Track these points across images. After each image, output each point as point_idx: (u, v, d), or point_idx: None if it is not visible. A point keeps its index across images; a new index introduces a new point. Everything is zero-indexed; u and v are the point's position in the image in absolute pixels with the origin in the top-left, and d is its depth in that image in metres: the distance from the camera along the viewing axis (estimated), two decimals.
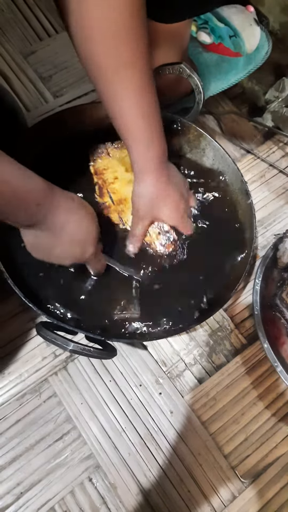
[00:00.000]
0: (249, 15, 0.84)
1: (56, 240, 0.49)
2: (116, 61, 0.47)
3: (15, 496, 0.60)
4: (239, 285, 0.61)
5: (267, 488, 0.63)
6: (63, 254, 0.51)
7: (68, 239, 0.49)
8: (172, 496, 0.61)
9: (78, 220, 0.50)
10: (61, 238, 0.49)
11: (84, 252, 0.52)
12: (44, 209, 0.45)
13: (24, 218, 0.44)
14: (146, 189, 0.57)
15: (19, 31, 0.91)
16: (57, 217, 0.47)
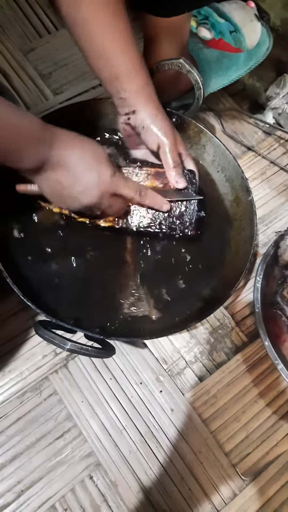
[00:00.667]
0: (250, 10, 0.83)
1: (71, 174, 0.48)
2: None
3: (16, 494, 0.60)
4: (240, 283, 0.61)
5: (268, 486, 0.63)
6: (83, 185, 0.49)
7: (79, 166, 0.49)
8: (173, 494, 0.61)
9: (81, 145, 0.50)
10: (75, 168, 0.48)
11: (101, 173, 0.50)
12: (46, 143, 0.45)
13: (30, 157, 0.45)
14: (159, 114, 0.56)
15: (19, 28, 0.90)
16: (61, 148, 0.47)
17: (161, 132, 0.56)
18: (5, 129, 0.42)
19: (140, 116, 0.56)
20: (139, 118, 0.56)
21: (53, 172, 0.48)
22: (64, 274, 0.62)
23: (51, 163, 0.47)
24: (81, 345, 0.49)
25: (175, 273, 0.65)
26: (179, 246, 0.66)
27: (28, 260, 0.61)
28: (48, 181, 0.49)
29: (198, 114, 0.86)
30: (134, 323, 0.61)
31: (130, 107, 0.56)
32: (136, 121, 0.57)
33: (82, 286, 0.62)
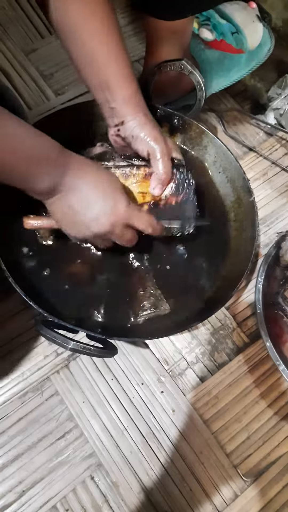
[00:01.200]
0: (251, 11, 0.83)
1: (84, 199, 0.48)
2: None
3: (17, 494, 0.60)
4: (241, 283, 0.61)
5: (269, 487, 0.63)
6: (99, 212, 0.49)
7: (96, 193, 0.48)
8: (174, 494, 0.61)
9: (96, 171, 0.50)
10: (89, 194, 0.48)
11: (116, 203, 0.49)
12: (62, 167, 0.46)
13: (44, 180, 0.45)
14: (148, 122, 0.56)
15: (20, 29, 0.91)
16: (77, 172, 0.47)
17: (150, 139, 0.55)
18: (23, 152, 0.42)
19: (129, 126, 0.55)
20: (128, 128, 0.56)
21: (66, 196, 0.48)
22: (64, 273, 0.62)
23: (65, 187, 0.47)
24: (83, 344, 0.49)
25: (176, 274, 0.65)
26: (180, 247, 0.66)
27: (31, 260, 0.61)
28: (60, 205, 0.49)
29: (200, 115, 0.86)
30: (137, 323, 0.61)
31: (119, 117, 0.56)
32: (125, 132, 0.56)
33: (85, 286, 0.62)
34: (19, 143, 0.42)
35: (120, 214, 0.50)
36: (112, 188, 0.50)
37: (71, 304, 0.60)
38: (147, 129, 0.55)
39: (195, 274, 0.65)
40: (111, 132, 0.59)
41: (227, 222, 0.70)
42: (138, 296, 0.62)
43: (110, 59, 0.53)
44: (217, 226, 0.69)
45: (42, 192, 0.47)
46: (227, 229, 0.69)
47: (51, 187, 0.46)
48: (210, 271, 0.65)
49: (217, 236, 0.68)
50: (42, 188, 0.46)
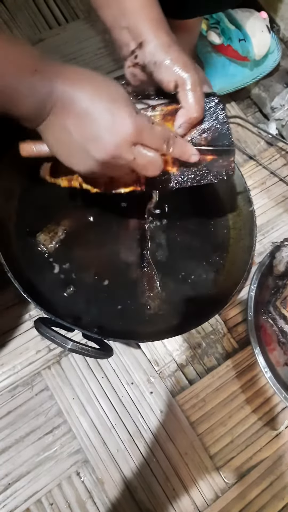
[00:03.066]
0: (262, 21, 0.84)
1: (80, 117, 0.38)
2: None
3: (3, 486, 0.60)
4: (237, 291, 0.62)
5: (249, 490, 0.65)
6: (99, 130, 0.38)
7: (93, 106, 0.37)
8: (157, 493, 0.63)
9: (92, 80, 0.38)
10: (85, 109, 0.37)
11: (120, 114, 0.38)
12: (46, 77, 0.36)
13: (27, 96, 0.36)
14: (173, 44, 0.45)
15: (28, 17, 0.89)
16: (67, 84, 0.37)
17: (179, 65, 0.44)
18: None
19: (150, 49, 0.44)
20: (149, 51, 0.44)
21: (57, 116, 0.38)
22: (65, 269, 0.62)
23: (55, 103, 0.37)
24: (81, 345, 0.49)
25: (172, 278, 0.66)
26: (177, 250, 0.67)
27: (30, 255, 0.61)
28: (53, 128, 0.39)
29: None
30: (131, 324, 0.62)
31: (136, 38, 0.45)
32: (145, 57, 0.45)
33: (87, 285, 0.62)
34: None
35: (124, 129, 0.38)
36: (113, 99, 0.38)
37: (69, 303, 0.60)
38: (174, 53, 0.44)
39: (191, 280, 0.66)
40: (127, 64, 0.48)
41: (225, 230, 0.70)
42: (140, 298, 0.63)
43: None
44: (215, 232, 0.70)
45: (29, 115, 0.37)
46: (224, 237, 0.70)
47: (38, 106, 0.37)
48: (206, 277, 0.66)
49: (214, 243, 0.69)
50: (27, 110, 0.37)
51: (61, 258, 0.62)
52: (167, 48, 0.44)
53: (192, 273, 0.66)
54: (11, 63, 0.34)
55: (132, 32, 0.45)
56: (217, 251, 0.69)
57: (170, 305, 0.64)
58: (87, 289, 0.62)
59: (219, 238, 0.70)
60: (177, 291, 0.65)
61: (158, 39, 0.44)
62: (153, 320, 0.62)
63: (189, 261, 0.67)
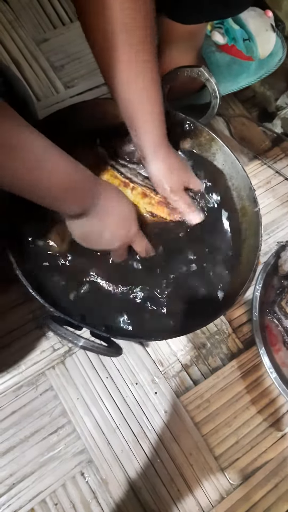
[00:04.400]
0: (266, 20, 0.83)
1: (103, 225, 0.54)
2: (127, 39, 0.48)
3: (8, 486, 0.60)
4: (242, 291, 0.62)
5: (254, 491, 0.64)
6: (112, 236, 0.55)
7: (114, 221, 0.54)
8: (162, 494, 0.62)
9: (119, 202, 0.55)
10: (108, 221, 0.54)
11: (129, 231, 0.57)
12: (94, 195, 0.50)
13: (78, 205, 0.49)
14: (165, 164, 0.60)
15: (33, 17, 0.89)
16: (103, 201, 0.52)
17: (168, 189, 0.62)
18: (66, 184, 0.45)
19: (150, 169, 0.61)
20: (149, 170, 0.61)
21: (90, 219, 0.52)
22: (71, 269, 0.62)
23: (92, 211, 0.51)
24: (93, 342, 0.49)
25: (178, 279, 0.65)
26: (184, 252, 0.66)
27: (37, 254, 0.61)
28: (82, 225, 0.53)
29: None
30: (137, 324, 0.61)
31: (142, 153, 0.60)
32: (146, 169, 0.62)
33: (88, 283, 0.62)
34: (65, 177, 0.45)
35: (129, 238, 0.58)
36: (129, 217, 0.57)
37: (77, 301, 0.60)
38: (167, 181, 0.61)
39: (197, 280, 0.65)
40: (137, 155, 0.64)
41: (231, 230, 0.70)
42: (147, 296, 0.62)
43: (143, 110, 0.55)
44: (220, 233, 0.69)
45: (68, 215, 0.52)
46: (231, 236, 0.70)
47: (81, 213, 0.51)
48: (212, 277, 0.66)
49: (220, 243, 0.69)
50: (73, 213, 0.51)
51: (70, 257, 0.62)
52: (162, 174, 0.61)
53: (197, 274, 0.66)
54: (76, 186, 0.47)
55: (137, 145, 0.59)
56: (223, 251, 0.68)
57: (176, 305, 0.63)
58: (94, 288, 0.62)
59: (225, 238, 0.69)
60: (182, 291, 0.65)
61: (155, 164, 0.60)
62: (158, 319, 0.62)
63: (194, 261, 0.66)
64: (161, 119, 0.57)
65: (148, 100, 0.54)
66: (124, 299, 0.62)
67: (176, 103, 0.78)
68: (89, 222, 0.52)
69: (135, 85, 0.52)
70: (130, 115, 0.55)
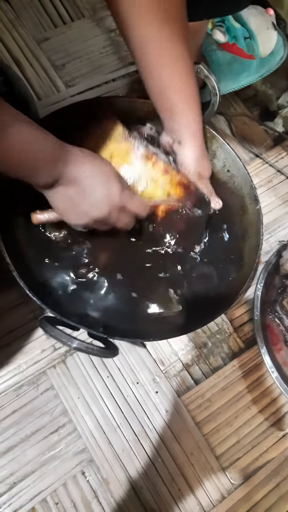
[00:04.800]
0: (268, 18, 0.83)
1: (82, 189, 0.51)
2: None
3: (8, 485, 0.60)
4: (243, 290, 0.62)
5: (255, 491, 0.64)
6: (96, 200, 0.52)
7: (90, 182, 0.51)
8: (163, 494, 0.62)
9: (92, 162, 0.52)
10: (83, 184, 0.50)
11: (111, 189, 0.53)
12: (61, 162, 0.48)
13: (45, 175, 0.47)
14: (200, 149, 0.60)
15: (34, 16, 0.89)
16: (74, 166, 0.49)
17: (198, 174, 0.61)
18: (33, 153, 0.45)
19: (184, 152, 0.60)
20: (182, 153, 0.60)
21: (65, 188, 0.50)
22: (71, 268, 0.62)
23: (64, 180, 0.49)
24: (87, 344, 0.49)
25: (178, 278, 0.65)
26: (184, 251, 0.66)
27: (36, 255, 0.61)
28: (60, 196, 0.51)
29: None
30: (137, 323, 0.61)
31: (177, 137, 0.59)
32: (179, 153, 0.61)
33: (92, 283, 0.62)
34: (31, 145, 0.44)
35: (115, 199, 0.53)
36: (107, 176, 0.53)
37: (75, 302, 0.60)
38: (199, 163, 0.61)
39: (197, 278, 0.65)
40: (165, 139, 0.62)
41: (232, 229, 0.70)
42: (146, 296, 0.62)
43: (176, 89, 0.56)
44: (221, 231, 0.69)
45: (44, 185, 0.49)
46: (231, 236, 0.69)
47: (52, 181, 0.49)
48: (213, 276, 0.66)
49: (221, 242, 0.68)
50: (44, 183, 0.48)
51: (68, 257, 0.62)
52: (195, 159, 0.60)
53: (198, 272, 0.66)
54: (43, 154, 0.46)
55: (175, 132, 0.59)
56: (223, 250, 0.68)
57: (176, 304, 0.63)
58: (92, 288, 0.62)
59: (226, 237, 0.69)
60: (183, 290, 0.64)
61: (191, 149, 0.60)
62: (158, 319, 0.62)
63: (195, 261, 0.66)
64: (199, 106, 0.58)
65: (188, 84, 0.55)
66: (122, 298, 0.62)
67: None
68: (66, 191, 0.50)
69: (175, 67, 0.54)
70: (167, 97, 0.56)
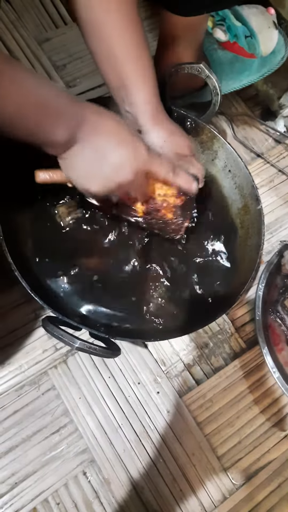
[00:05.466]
0: (269, 17, 0.83)
1: (104, 148, 0.45)
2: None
3: (10, 485, 0.60)
4: (244, 290, 0.62)
5: (257, 492, 0.64)
6: (121, 159, 0.46)
7: (116, 139, 0.45)
8: (164, 494, 0.62)
9: (113, 119, 0.46)
10: (109, 141, 0.45)
11: (139, 148, 0.47)
12: (77, 115, 0.43)
13: (60, 130, 0.42)
14: (169, 127, 0.55)
15: (35, 17, 0.89)
16: (92, 121, 0.44)
17: (173, 155, 0.54)
18: (37, 99, 0.40)
19: (150, 139, 0.54)
20: (148, 140, 0.54)
21: (84, 147, 0.44)
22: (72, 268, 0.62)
23: (82, 137, 0.43)
24: (89, 344, 0.49)
25: (179, 278, 0.65)
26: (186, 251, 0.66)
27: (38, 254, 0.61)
28: (76, 158, 0.45)
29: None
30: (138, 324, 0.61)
31: (138, 126, 0.53)
32: (146, 141, 0.53)
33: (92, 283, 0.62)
34: (34, 90, 0.39)
35: (143, 159, 0.47)
36: (131, 134, 0.47)
37: (77, 302, 0.60)
38: (170, 144, 0.54)
39: (199, 279, 0.65)
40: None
41: (233, 228, 0.70)
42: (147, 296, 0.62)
43: (128, 55, 0.50)
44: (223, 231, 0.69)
45: (57, 144, 0.43)
46: (232, 235, 0.69)
47: (67, 138, 0.43)
48: (214, 276, 0.66)
49: (222, 242, 0.68)
50: (57, 140, 0.43)
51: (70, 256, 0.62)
52: (162, 142, 0.54)
53: (200, 273, 0.66)
54: (51, 103, 0.41)
55: (133, 118, 0.53)
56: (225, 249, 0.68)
57: (177, 305, 0.63)
58: (94, 288, 0.62)
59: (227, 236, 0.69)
60: (184, 290, 0.64)
61: (155, 133, 0.54)
62: (160, 319, 0.62)
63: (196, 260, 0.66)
64: (156, 83, 0.52)
65: (139, 58, 0.50)
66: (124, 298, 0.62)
67: (178, 102, 0.78)
68: (85, 151, 0.44)
69: (122, 40, 0.49)
70: (119, 75, 0.50)
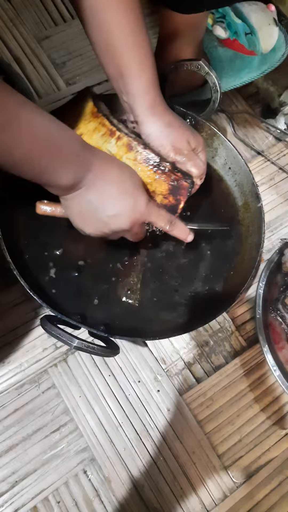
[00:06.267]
0: (269, 14, 0.82)
1: (106, 196, 0.46)
2: None
3: (10, 484, 0.60)
4: (245, 288, 0.62)
5: (258, 490, 0.64)
6: (120, 210, 0.47)
7: (118, 189, 0.46)
8: (165, 492, 0.62)
9: (118, 167, 0.47)
10: (111, 190, 0.46)
11: (137, 199, 0.47)
12: (84, 161, 0.44)
13: (67, 174, 0.42)
14: (167, 118, 0.54)
15: (34, 15, 0.89)
16: (98, 167, 0.45)
17: (172, 150, 0.53)
18: (48, 142, 0.40)
19: (145, 130, 0.53)
20: (144, 131, 0.53)
21: (86, 193, 0.45)
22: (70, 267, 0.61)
23: (87, 183, 0.45)
24: (87, 343, 0.49)
25: (180, 276, 0.65)
26: (186, 248, 0.66)
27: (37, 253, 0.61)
28: (79, 201, 0.46)
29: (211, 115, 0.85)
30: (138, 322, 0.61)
31: (134, 116, 0.53)
32: (142, 133, 0.54)
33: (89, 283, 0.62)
34: (44, 133, 0.39)
35: (141, 212, 0.48)
36: (134, 186, 0.48)
37: (76, 300, 0.60)
38: (166, 137, 0.53)
39: (199, 277, 0.65)
40: (130, 126, 0.56)
41: (233, 226, 0.70)
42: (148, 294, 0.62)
43: (127, 45, 0.49)
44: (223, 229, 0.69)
45: (62, 187, 0.44)
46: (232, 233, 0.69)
47: (72, 183, 0.44)
48: (214, 274, 0.66)
49: (222, 239, 0.68)
50: (63, 183, 0.44)
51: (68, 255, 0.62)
52: (160, 132, 0.53)
53: (199, 271, 0.66)
54: (62, 147, 0.41)
55: (131, 108, 0.53)
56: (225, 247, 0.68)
57: (177, 303, 0.63)
58: (93, 286, 0.62)
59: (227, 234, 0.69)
60: (184, 288, 0.64)
61: (153, 124, 0.53)
62: (160, 318, 0.62)
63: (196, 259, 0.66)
64: (155, 73, 0.51)
65: (138, 47, 0.49)
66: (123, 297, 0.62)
67: (178, 99, 0.78)
68: (87, 194, 0.45)
69: (122, 28, 0.48)
70: (117, 65, 0.49)
